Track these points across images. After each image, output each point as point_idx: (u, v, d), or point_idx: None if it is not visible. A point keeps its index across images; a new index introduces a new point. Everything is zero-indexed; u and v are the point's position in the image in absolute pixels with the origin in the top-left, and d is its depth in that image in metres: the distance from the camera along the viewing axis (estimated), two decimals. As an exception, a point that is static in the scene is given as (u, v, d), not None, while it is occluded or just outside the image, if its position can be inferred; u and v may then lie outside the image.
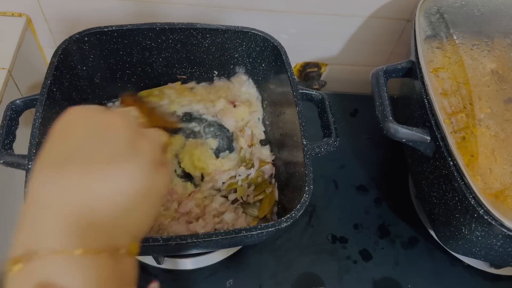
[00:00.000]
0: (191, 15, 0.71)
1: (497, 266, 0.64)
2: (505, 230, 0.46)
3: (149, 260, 0.59)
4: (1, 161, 0.49)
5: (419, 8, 0.60)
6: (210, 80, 0.69)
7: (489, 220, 0.46)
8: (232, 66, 0.66)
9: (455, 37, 0.58)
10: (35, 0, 0.69)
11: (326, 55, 0.81)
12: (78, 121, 0.31)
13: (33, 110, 0.51)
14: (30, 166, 0.46)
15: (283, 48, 0.59)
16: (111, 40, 0.59)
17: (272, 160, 0.64)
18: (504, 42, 0.58)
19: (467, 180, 0.47)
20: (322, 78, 0.84)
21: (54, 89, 0.53)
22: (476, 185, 0.47)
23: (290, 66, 0.58)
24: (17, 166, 0.49)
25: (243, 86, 0.68)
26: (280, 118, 0.62)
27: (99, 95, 0.65)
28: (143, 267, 0.59)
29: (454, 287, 0.62)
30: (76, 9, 0.70)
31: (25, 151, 0.48)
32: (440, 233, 0.59)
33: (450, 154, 0.49)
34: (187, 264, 0.60)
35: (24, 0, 0.69)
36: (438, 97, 0.52)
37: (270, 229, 0.45)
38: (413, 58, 0.57)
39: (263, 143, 0.66)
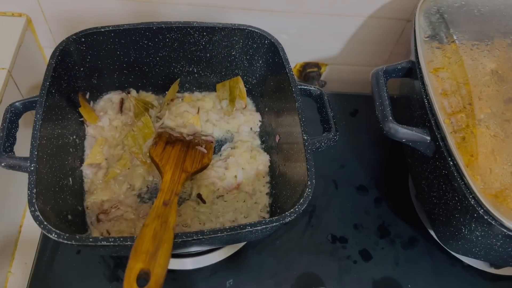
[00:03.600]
0: (191, 15, 0.71)
1: (497, 266, 0.64)
2: (505, 230, 0.46)
3: (149, 260, 0.59)
4: (3, 164, 0.49)
5: (419, 8, 0.60)
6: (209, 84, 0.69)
7: (489, 220, 0.46)
8: (229, 64, 0.66)
9: (455, 37, 0.58)
10: (35, 0, 0.69)
11: (326, 55, 0.81)
12: None
13: (32, 111, 0.51)
14: (32, 168, 0.46)
15: (280, 44, 0.59)
16: (108, 40, 0.59)
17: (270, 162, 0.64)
18: (504, 42, 0.58)
19: (467, 180, 0.47)
20: (322, 78, 0.84)
21: (53, 91, 0.53)
22: (476, 185, 0.47)
23: (288, 62, 0.58)
24: (19, 168, 0.49)
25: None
26: (279, 116, 0.62)
27: (97, 96, 0.66)
28: (143, 267, 0.59)
29: (454, 287, 0.62)
30: (76, 9, 0.70)
31: (25, 153, 0.48)
32: (440, 233, 0.59)
33: (450, 154, 0.49)
34: (187, 264, 0.60)
35: (24, 0, 0.69)
36: (438, 97, 0.52)
37: (274, 223, 0.45)
38: (413, 58, 0.57)
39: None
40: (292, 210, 0.46)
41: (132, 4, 0.69)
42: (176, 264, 0.60)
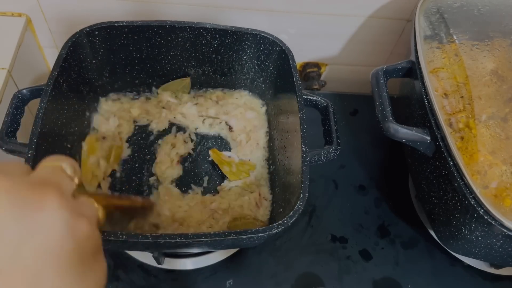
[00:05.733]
0: (191, 15, 0.71)
1: (497, 266, 0.64)
2: (505, 230, 0.46)
3: (149, 260, 0.59)
4: (3, 148, 0.50)
5: (419, 8, 0.60)
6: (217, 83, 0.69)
7: (489, 220, 0.46)
8: (240, 68, 0.66)
9: (455, 37, 0.58)
10: (35, 0, 0.69)
11: (326, 55, 0.81)
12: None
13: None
14: (29, 155, 0.47)
15: (291, 53, 0.59)
16: (121, 35, 0.60)
17: (272, 165, 0.64)
18: (504, 42, 0.58)
19: (467, 180, 0.47)
20: (322, 78, 0.84)
21: (61, 81, 0.54)
22: (476, 185, 0.47)
23: (296, 71, 0.57)
24: (18, 154, 0.50)
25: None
26: (283, 122, 0.62)
27: (108, 89, 0.66)
28: (143, 267, 0.59)
29: (454, 287, 0.62)
30: (76, 9, 0.70)
31: (27, 140, 0.49)
32: (440, 233, 0.59)
33: (450, 154, 0.49)
34: (187, 264, 0.60)
35: (24, 0, 0.69)
36: (438, 97, 0.52)
37: (260, 234, 0.44)
38: (413, 58, 0.57)
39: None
40: (280, 222, 0.45)
41: (132, 4, 0.69)
42: (176, 264, 0.60)
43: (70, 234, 0.25)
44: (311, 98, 0.58)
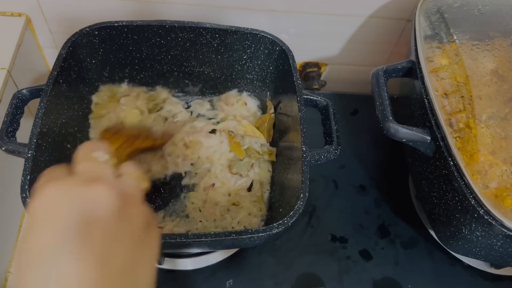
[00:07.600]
0: (191, 15, 0.71)
1: (497, 266, 0.64)
2: (505, 230, 0.46)
3: (149, 260, 0.59)
4: (3, 148, 0.50)
5: (419, 8, 0.60)
6: (217, 88, 0.69)
7: (489, 220, 0.46)
8: (240, 67, 0.66)
9: (455, 37, 0.58)
10: (35, 0, 0.69)
11: (326, 55, 0.81)
12: (59, 201, 0.27)
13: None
14: (29, 155, 0.47)
15: (291, 52, 0.59)
16: (121, 35, 0.60)
17: (272, 163, 0.64)
18: (504, 42, 0.58)
19: (467, 180, 0.47)
20: (322, 78, 0.84)
21: (61, 81, 0.54)
22: (476, 185, 0.47)
23: (296, 70, 0.57)
24: (18, 154, 0.50)
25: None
26: (283, 122, 0.62)
27: (108, 88, 0.66)
28: (143, 267, 0.59)
29: (454, 287, 0.62)
30: (75, 9, 0.70)
31: (27, 140, 0.49)
32: (440, 233, 0.59)
33: (450, 154, 0.49)
34: (187, 264, 0.60)
35: (24, 0, 0.69)
36: (438, 97, 0.52)
37: (261, 234, 0.45)
38: (413, 58, 0.57)
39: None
40: (280, 222, 0.45)
41: (132, 4, 0.69)
42: (176, 264, 0.60)
43: (124, 219, 0.28)
44: (311, 98, 0.58)
